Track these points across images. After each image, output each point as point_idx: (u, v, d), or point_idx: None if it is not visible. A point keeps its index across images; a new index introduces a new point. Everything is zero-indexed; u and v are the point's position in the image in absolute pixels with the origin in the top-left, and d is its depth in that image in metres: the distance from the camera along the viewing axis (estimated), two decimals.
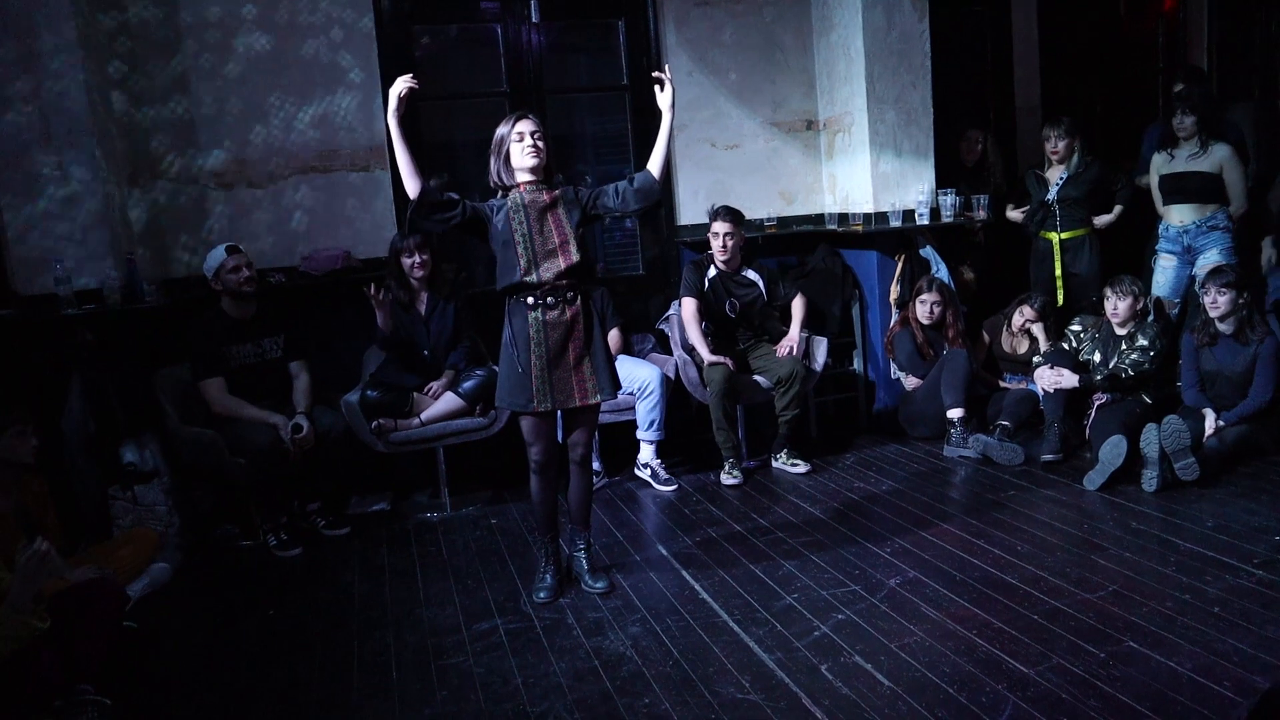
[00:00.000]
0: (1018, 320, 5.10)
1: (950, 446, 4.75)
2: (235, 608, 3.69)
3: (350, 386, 4.50)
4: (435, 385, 4.47)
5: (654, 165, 3.39)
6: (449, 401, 4.44)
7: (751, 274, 4.86)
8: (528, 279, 3.26)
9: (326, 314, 4.77)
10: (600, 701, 2.75)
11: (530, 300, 3.28)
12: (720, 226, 4.71)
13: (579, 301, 3.33)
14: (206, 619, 3.63)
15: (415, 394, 4.46)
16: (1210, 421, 4.26)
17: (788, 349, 4.72)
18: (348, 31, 4.76)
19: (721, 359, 4.63)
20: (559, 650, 3.08)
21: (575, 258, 3.28)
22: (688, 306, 4.77)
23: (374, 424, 4.33)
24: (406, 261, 4.47)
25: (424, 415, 4.41)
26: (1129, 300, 4.53)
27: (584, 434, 3.51)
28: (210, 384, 4.19)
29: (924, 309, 4.97)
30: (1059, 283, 5.31)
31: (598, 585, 3.51)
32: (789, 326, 4.86)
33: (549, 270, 3.25)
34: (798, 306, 4.86)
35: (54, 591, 3.13)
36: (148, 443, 4.22)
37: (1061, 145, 5.20)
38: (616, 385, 3.46)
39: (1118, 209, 5.25)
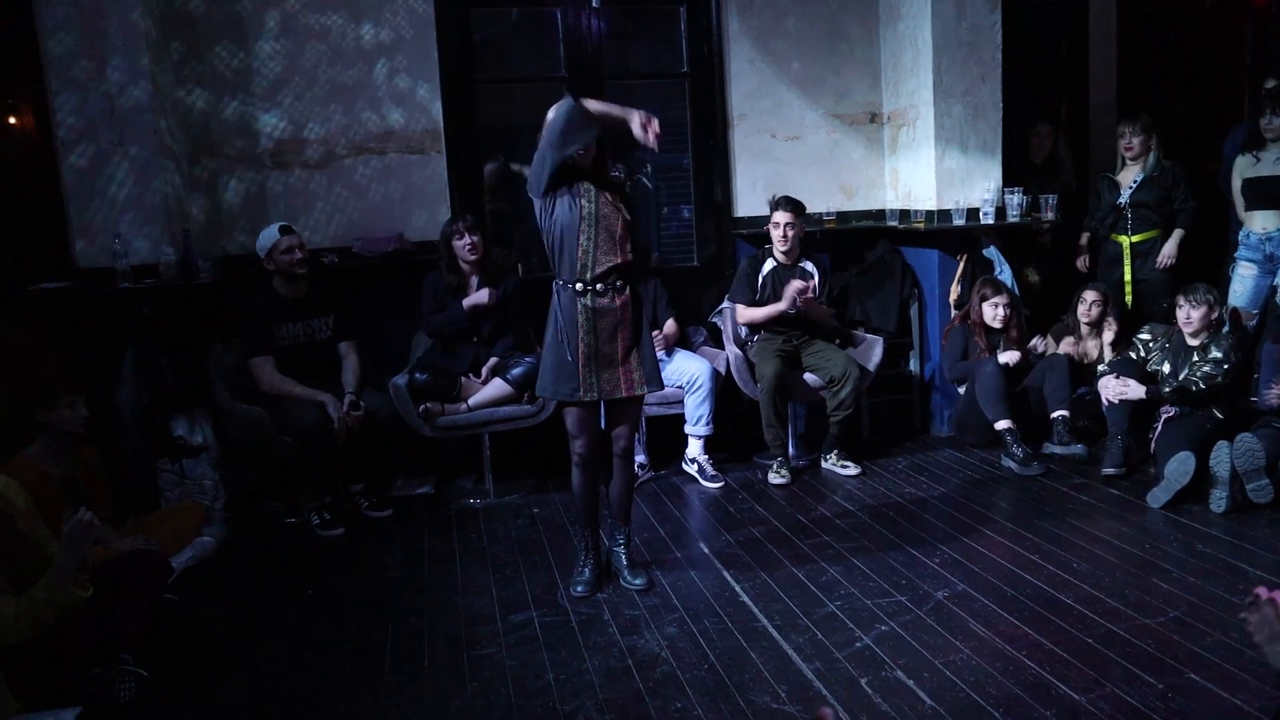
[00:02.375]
0: (1082, 310, 4.90)
1: (1007, 459, 4.59)
2: (275, 584, 3.72)
3: (399, 369, 4.49)
4: (484, 370, 4.45)
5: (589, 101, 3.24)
6: (496, 387, 4.41)
7: (810, 266, 4.75)
8: (583, 266, 3.21)
9: (378, 296, 4.77)
10: (631, 703, 2.69)
11: (580, 287, 3.23)
12: (781, 216, 4.60)
13: (628, 291, 3.29)
14: (246, 594, 3.67)
15: (463, 379, 4.44)
16: None
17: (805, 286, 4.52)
18: (406, 14, 4.74)
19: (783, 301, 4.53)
20: (593, 647, 3.03)
21: (629, 248, 3.25)
22: (741, 312, 4.69)
23: (421, 407, 4.32)
24: (458, 243, 4.44)
25: (471, 401, 4.39)
26: (1203, 310, 4.32)
27: (628, 427, 3.46)
28: (260, 362, 4.21)
29: (993, 311, 4.78)
30: (1128, 287, 5.10)
31: (636, 582, 3.45)
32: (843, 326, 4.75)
33: (604, 259, 3.21)
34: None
35: (99, 561, 3.18)
36: (198, 417, 4.27)
37: (1136, 142, 4.98)
38: (659, 380, 3.40)
39: (1178, 234, 5.00)
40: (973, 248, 5.06)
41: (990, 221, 4.95)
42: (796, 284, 4.50)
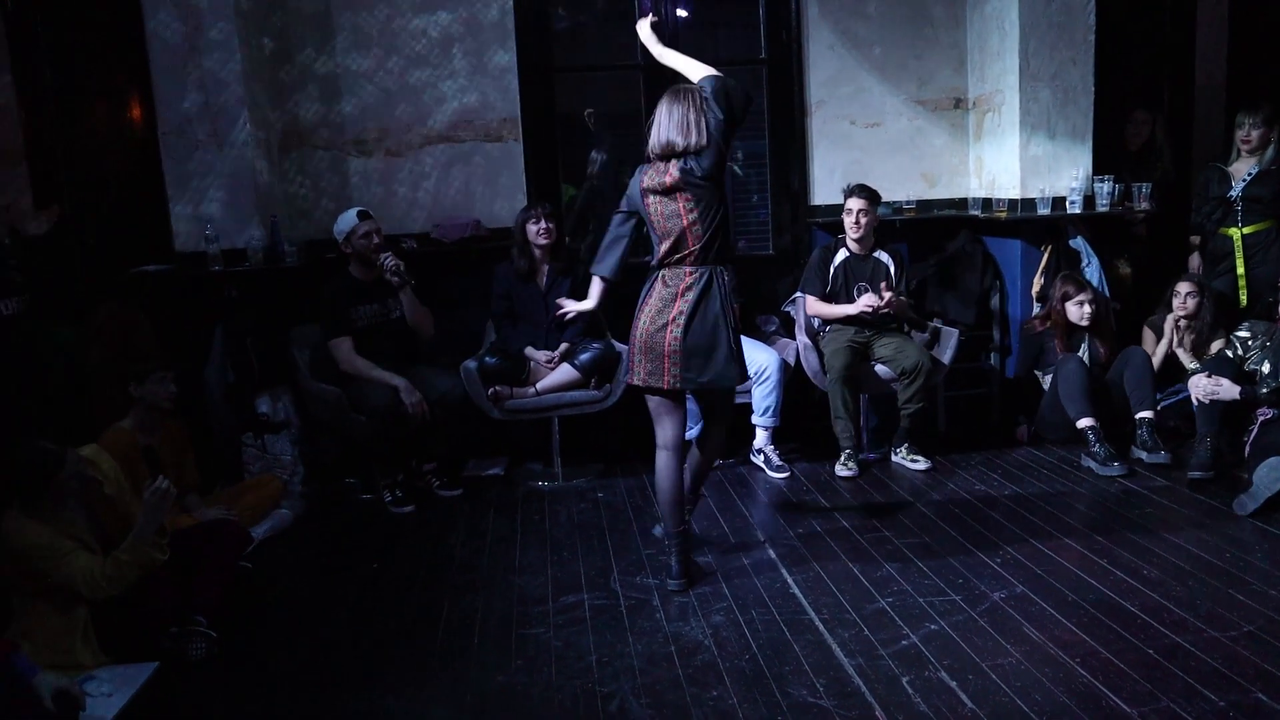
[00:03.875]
0: (1177, 303, 4.67)
1: (1087, 458, 4.43)
2: (346, 558, 3.87)
3: (473, 353, 4.60)
4: (553, 355, 4.52)
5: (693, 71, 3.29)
6: (565, 372, 4.48)
7: (884, 256, 4.65)
8: (680, 254, 3.24)
9: (454, 280, 4.90)
10: (669, 689, 2.72)
11: (675, 274, 3.25)
12: (855, 203, 4.52)
13: (720, 278, 3.27)
14: (317, 566, 3.83)
15: (533, 363, 4.52)
16: None
17: (882, 299, 4.43)
18: (485, 2, 4.83)
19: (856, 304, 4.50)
20: (638, 632, 3.07)
21: (719, 236, 3.24)
22: (811, 303, 4.65)
23: (490, 390, 4.42)
24: (532, 228, 4.52)
25: (539, 385, 4.47)
26: None
27: (720, 415, 3.51)
28: (339, 343, 4.37)
29: (1078, 310, 4.57)
30: (1242, 282, 4.82)
31: (673, 585, 3.36)
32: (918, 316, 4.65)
33: (697, 246, 3.22)
34: (900, 305, 4.57)
35: (181, 527, 3.39)
36: (281, 395, 4.47)
37: (1256, 135, 4.69)
38: (745, 371, 3.40)
39: None
40: (1058, 238, 4.87)
41: (1077, 211, 4.74)
42: (869, 298, 4.43)
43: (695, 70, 3.30)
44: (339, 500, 4.51)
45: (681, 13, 5.14)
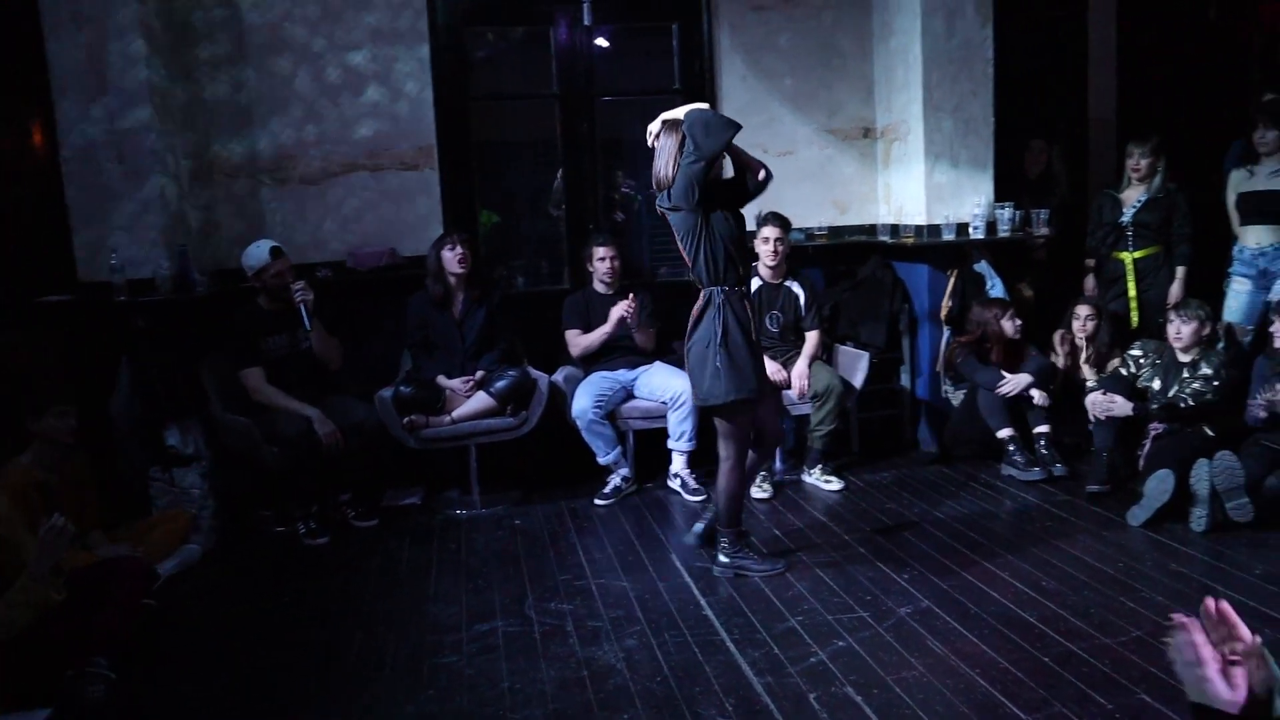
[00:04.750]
0: (1076, 326, 4.88)
1: (1008, 467, 4.63)
2: (256, 592, 3.80)
3: (388, 382, 4.57)
4: (469, 383, 4.51)
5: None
6: (480, 400, 4.48)
7: (795, 286, 4.76)
8: (744, 272, 3.50)
9: (369, 309, 4.86)
10: (579, 713, 2.72)
11: (745, 290, 3.51)
12: (771, 231, 4.62)
13: (717, 299, 3.48)
14: (227, 601, 3.75)
15: (448, 392, 4.51)
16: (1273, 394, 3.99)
17: (783, 377, 4.59)
18: (401, 31, 4.84)
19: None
20: (551, 657, 3.07)
21: (711, 260, 3.44)
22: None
23: (406, 419, 4.39)
24: (447, 254, 4.52)
25: (455, 413, 4.46)
26: (1193, 325, 4.27)
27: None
28: (250, 374, 4.31)
29: (1012, 325, 4.75)
30: (1134, 304, 5.04)
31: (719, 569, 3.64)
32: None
33: (692, 270, 3.49)
34: (811, 340, 4.71)
35: (79, 566, 3.29)
36: (190, 427, 4.37)
37: (1145, 164, 4.92)
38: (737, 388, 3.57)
39: (1181, 273, 4.90)
40: (963, 263, 5.05)
41: (980, 236, 4.93)
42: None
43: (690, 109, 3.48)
44: (251, 534, 4.42)
45: (601, 42, 5.23)
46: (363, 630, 3.34)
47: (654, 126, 3.53)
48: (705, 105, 3.46)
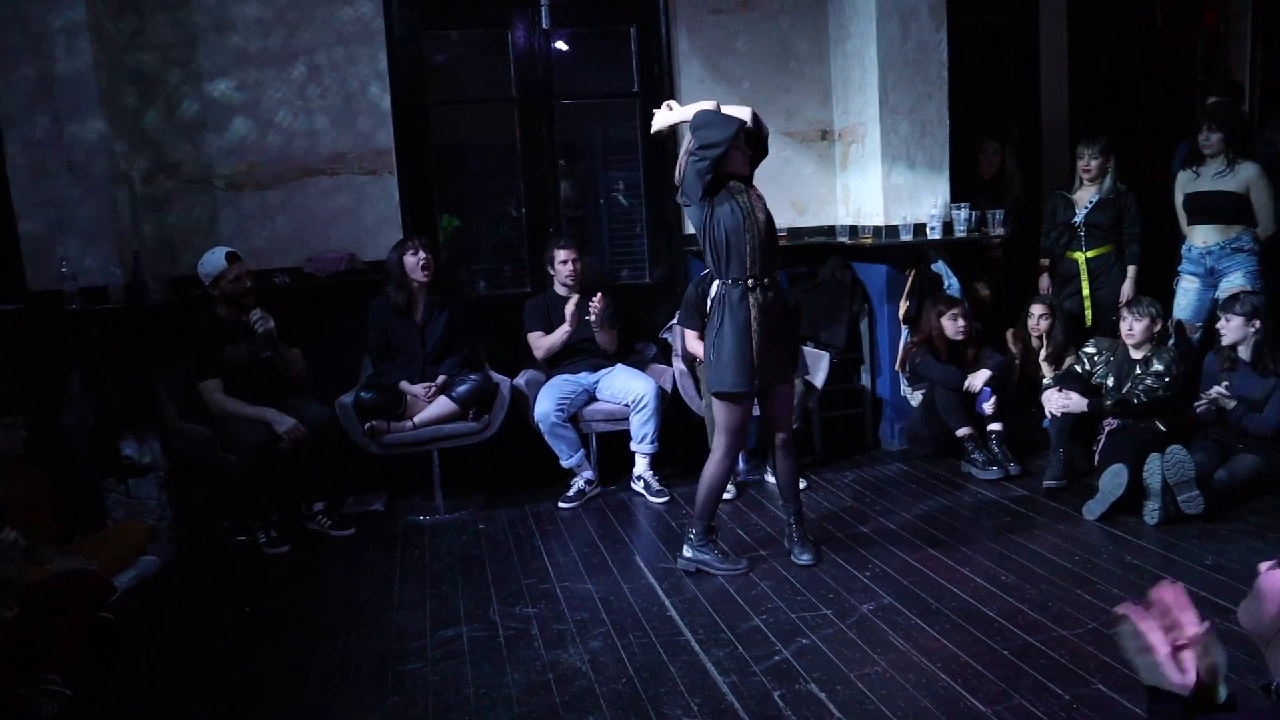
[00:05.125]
0: (1031, 324, 4.98)
1: (967, 465, 4.70)
2: (217, 603, 3.74)
3: (348, 388, 4.53)
4: (430, 388, 4.48)
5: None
6: (442, 405, 4.45)
7: None
8: (751, 264, 3.46)
9: (329, 315, 4.81)
10: (545, 716, 2.72)
11: (751, 284, 3.47)
12: None
13: (776, 288, 3.58)
14: (187, 613, 3.69)
15: (410, 397, 4.48)
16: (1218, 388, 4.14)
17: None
18: (358, 35, 4.81)
19: None
20: (516, 661, 3.06)
21: (713, 254, 3.52)
22: (689, 338, 4.73)
23: (367, 425, 4.36)
24: (410, 260, 4.49)
25: (417, 419, 4.43)
26: (1145, 322, 4.36)
27: (787, 413, 3.75)
28: (208, 385, 4.25)
29: (953, 325, 4.80)
30: (1087, 302, 5.14)
31: (805, 558, 3.70)
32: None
33: (765, 257, 3.49)
34: None
35: (31, 581, 3.22)
36: (146, 437, 4.30)
37: (1095, 165, 5.02)
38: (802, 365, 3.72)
39: (1132, 271, 5.03)
40: (920, 263, 5.11)
41: (937, 236, 5.00)
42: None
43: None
44: (211, 544, 4.35)
45: (560, 45, 5.23)
46: (327, 638, 3.31)
47: (658, 123, 3.64)
48: (712, 104, 3.50)
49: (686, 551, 3.69)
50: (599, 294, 4.61)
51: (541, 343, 4.72)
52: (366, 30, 4.81)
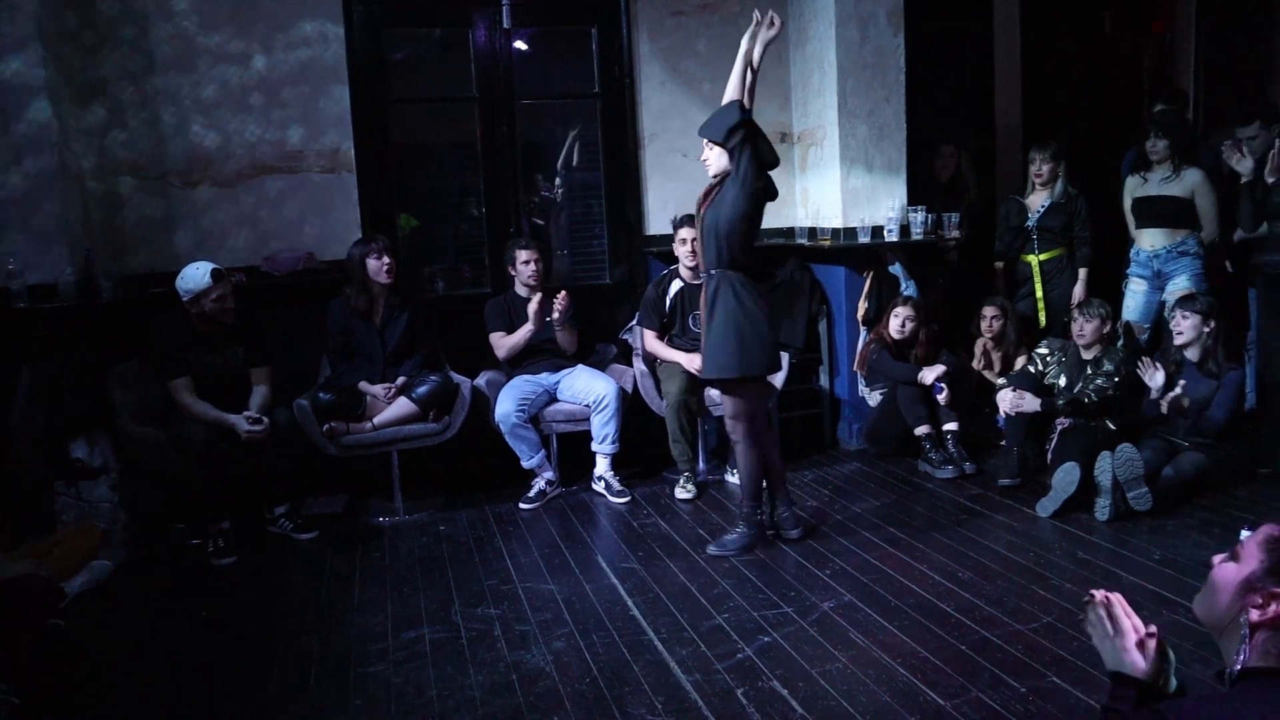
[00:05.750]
0: (984, 326, 5.08)
1: (924, 463, 4.77)
2: (172, 607, 3.68)
3: (306, 389, 4.48)
4: (390, 389, 4.44)
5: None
6: (402, 406, 4.42)
7: None
8: (721, 258, 3.71)
9: (286, 315, 4.75)
10: (509, 717, 2.72)
11: (718, 275, 3.69)
12: (687, 232, 4.67)
13: None
14: (141, 618, 3.62)
15: (369, 398, 4.44)
16: (1159, 378, 4.26)
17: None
18: (317, 33, 4.75)
19: (685, 356, 4.59)
20: (479, 663, 3.05)
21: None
22: (649, 339, 4.75)
23: (326, 426, 4.31)
24: (373, 264, 4.44)
25: (376, 420, 4.39)
26: (1095, 323, 4.47)
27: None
28: (178, 384, 4.18)
29: (896, 323, 4.89)
30: (1041, 304, 5.25)
31: (793, 533, 3.94)
32: None
33: (738, 253, 3.73)
34: None
35: None
36: (98, 439, 4.21)
37: (1046, 169, 5.13)
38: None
39: (1083, 274, 5.15)
40: (878, 265, 5.18)
41: (895, 239, 5.07)
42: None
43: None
44: (166, 547, 4.27)
45: (520, 45, 5.22)
46: (287, 642, 3.27)
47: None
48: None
49: (739, 527, 3.93)
50: (563, 293, 4.60)
51: (504, 342, 4.71)
52: (326, 28, 4.76)
